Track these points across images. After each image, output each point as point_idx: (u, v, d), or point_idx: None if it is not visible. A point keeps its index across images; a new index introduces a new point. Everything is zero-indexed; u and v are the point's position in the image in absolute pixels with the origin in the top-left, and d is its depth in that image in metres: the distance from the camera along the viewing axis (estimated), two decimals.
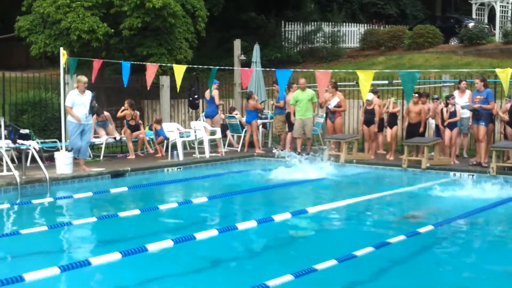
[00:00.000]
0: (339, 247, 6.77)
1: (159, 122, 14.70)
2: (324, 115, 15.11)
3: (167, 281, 5.69)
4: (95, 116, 13.84)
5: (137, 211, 8.12)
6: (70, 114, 11.65)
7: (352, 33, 29.25)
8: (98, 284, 5.55)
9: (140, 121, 14.70)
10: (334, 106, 14.17)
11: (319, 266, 5.38)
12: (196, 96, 17.49)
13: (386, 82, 16.36)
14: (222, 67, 16.55)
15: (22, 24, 19.77)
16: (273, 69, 14.52)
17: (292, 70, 13.57)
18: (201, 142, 14.68)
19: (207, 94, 15.65)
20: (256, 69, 16.88)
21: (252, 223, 7.15)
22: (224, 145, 15.44)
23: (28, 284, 4.76)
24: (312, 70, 15.88)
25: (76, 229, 7.47)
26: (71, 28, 17.90)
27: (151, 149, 14.85)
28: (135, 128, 14.19)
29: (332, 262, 5.54)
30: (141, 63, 15.86)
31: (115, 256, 5.49)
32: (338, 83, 15.78)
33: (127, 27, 18.68)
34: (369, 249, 6.09)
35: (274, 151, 15.15)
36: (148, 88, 14.22)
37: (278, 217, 7.44)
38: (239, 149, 15.52)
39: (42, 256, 6.37)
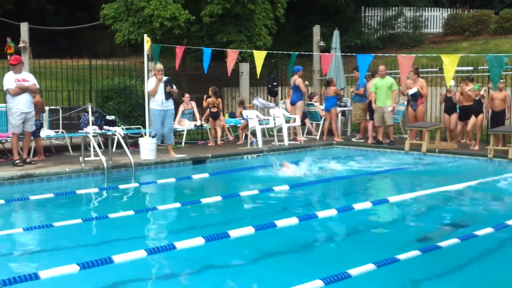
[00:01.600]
0: (421, 237, 6.63)
1: (242, 103, 14.85)
2: (405, 103, 14.77)
3: (248, 267, 5.75)
4: (183, 105, 14.19)
5: (219, 198, 8.25)
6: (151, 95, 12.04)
7: (435, 18, 28.39)
8: (183, 267, 5.67)
9: (220, 108, 14.89)
10: (414, 93, 13.79)
11: (401, 257, 5.29)
12: (275, 83, 17.51)
13: (471, 68, 15.79)
14: (301, 53, 16.45)
15: (107, 12, 20.40)
16: (354, 54, 14.33)
17: (373, 55, 13.29)
18: (280, 130, 14.71)
19: (291, 81, 15.57)
20: (336, 55, 16.70)
21: (332, 212, 7.11)
22: (302, 133, 15.40)
23: (116, 266, 4.93)
24: (394, 55, 15.57)
25: (160, 214, 7.67)
26: (154, 15, 18.32)
27: (231, 136, 15.01)
28: (216, 115, 14.39)
29: (415, 252, 5.44)
30: (221, 49, 16.04)
31: (199, 241, 5.61)
32: (420, 70, 15.39)
33: (208, 14, 18.93)
34: (454, 240, 5.93)
35: (353, 139, 14.99)
36: (229, 74, 14.35)
37: (358, 206, 7.38)
38: (317, 137, 15.45)
39: (129, 240, 6.57)
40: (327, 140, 14.99)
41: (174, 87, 12.26)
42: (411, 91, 13.81)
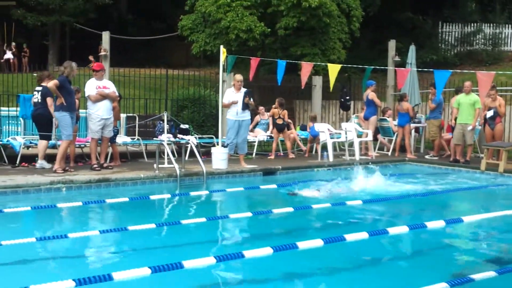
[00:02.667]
0: (495, 258, 6.41)
1: (313, 119, 14.86)
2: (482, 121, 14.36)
3: (314, 279, 5.72)
4: (259, 115, 14.35)
5: (290, 209, 8.25)
6: (225, 108, 12.24)
7: None
8: (250, 276, 5.70)
9: (289, 121, 14.92)
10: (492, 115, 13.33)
11: (476, 276, 5.15)
12: (347, 97, 17.42)
13: None
14: (375, 67, 16.29)
15: (185, 23, 20.90)
16: (430, 70, 14.07)
17: (451, 71, 12.98)
18: (351, 144, 14.61)
19: (364, 95, 15.46)
20: (412, 70, 16.45)
21: (403, 229, 7.01)
22: (374, 148, 15.23)
23: (186, 271, 5.02)
24: (472, 72, 15.18)
25: (231, 222, 7.75)
26: (230, 27, 18.61)
27: (303, 147, 15.01)
28: (281, 127, 14.40)
29: (491, 273, 5.28)
30: (296, 61, 16.12)
31: (267, 251, 5.65)
32: (499, 88, 14.92)
33: (283, 27, 19.06)
34: None
35: (427, 156, 14.69)
36: (303, 87, 14.39)
37: (431, 224, 7.23)
38: (389, 153, 15.23)
39: (199, 246, 6.68)
40: (399, 156, 14.75)
41: (252, 99, 12.41)
42: (488, 114, 13.39)
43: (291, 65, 15.68)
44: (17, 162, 11.32)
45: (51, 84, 10.55)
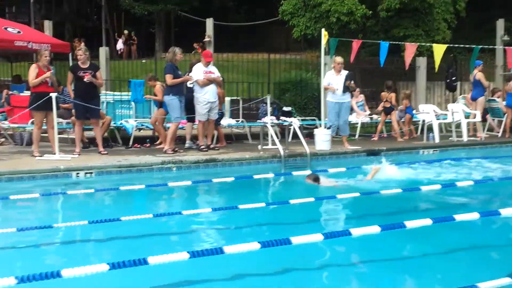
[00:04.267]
0: None
1: (407, 97, 14.57)
2: None
3: (425, 259, 5.69)
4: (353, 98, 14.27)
5: (399, 190, 8.17)
6: (327, 91, 12.25)
7: None
8: (357, 254, 5.75)
9: (395, 103, 14.70)
10: None
11: None
12: (454, 78, 16.90)
13: None
14: (483, 47, 15.66)
15: (286, 8, 20.97)
16: None
17: None
18: (458, 125, 14.19)
19: (471, 76, 14.94)
20: None
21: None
22: (483, 129, 14.71)
23: (294, 247, 5.12)
24: None
25: (339, 202, 7.80)
26: (331, 10, 18.51)
27: (407, 129, 14.74)
28: (389, 110, 14.23)
29: None
30: (399, 43, 15.82)
31: (375, 229, 5.66)
32: None
33: (385, 9, 18.71)
34: None
35: None
36: (407, 68, 14.14)
37: None
38: (499, 135, 14.66)
39: (306, 224, 6.80)
40: (509, 138, 14.17)
41: (353, 82, 12.36)
42: None
43: (393, 47, 15.40)
44: (130, 143, 11.93)
45: (168, 82, 11.01)
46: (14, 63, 20.85)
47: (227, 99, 15.29)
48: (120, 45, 30.18)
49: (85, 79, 10.51)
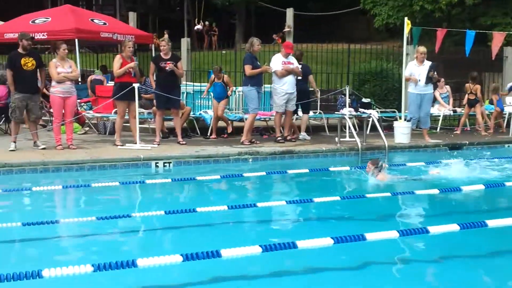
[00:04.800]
0: None
1: (496, 90, 13.96)
2: None
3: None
4: (438, 90, 13.83)
5: (481, 186, 7.85)
6: (409, 82, 11.96)
7: None
8: (433, 252, 5.58)
9: (480, 96, 14.13)
10: None
11: None
12: None
13: None
14: None
15: None
16: None
17: None
18: None
19: None
20: None
21: None
22: None
23: (369, 243, 5.02)
24: None
25: (414, 198, 7.60)
26: None
27: (492, 123, 14.16)
28: (473, 102, 13.69)
29: None
30: (486, 31, 15.23)
31: (453, 227, 5.47)
32: None
33: None
34: None
35: None
36: (493, 58, 13.58)
37: None
38: None
39: (382, 220, 6.66)
40: None
41: (436, 73, 11.99)
42: None
43: (479, 36, 14.80)
44: (208, 134, 12.09)
45: (247, 72, 11.08)
46: (100, 54, 21.57)
47: None
48: (198, 26, 30.80)
49: (166, 68, 10.73)
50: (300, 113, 12.57)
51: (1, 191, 7.25)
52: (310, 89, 12.81)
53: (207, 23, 31.27)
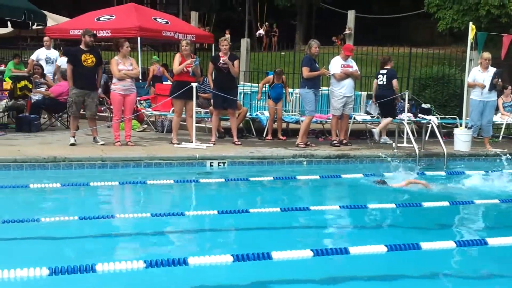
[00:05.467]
0: None
1: None
2: None
3: None
4: (502, 97, 13.41)
5: None
6: (471, 88, 11.67)
7: None
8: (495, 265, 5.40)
9: None
10: None
11: None
12: None
13: None
14: None
15: (432, 0, 20.23)
16: None
17: None
18: None
19: None
20: None
21: None
22: None
23: (423, 252, 4.90)
24: None
25: (474, 208, 7.38)
26: (481, 3, 17.61)
27: None
28: None
29: None
30: None
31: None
32: None
33: None
34: None
35: None
36: None
37: None
38: None
39: (439, 229, 6.50)
40: None
41: (500, 80, 11.65)
42: None
43: None
44: (264, 135, 12.09)
45: (304, 75, 11.04)
46: (161, 53, 21.91)
47: (363, 93, 15.03)
48: (260, 31, 30.93)
49: (220, 60, 10.78)
50: (357, 117, 12.44)
51: (60, 185, 7.45)
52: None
53: (266, 24, 31.35)
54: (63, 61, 13.13)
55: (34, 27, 15.37)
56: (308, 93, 11.10)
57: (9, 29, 18.60)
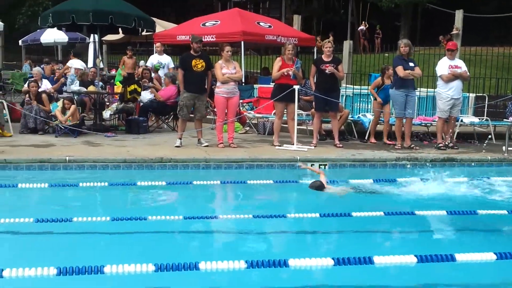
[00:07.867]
0: None
1: None
2: None
3: None
4: None
5: None
6: None
7: None
8: None
9: None
10: None
11: None
12: None
13: None
14: None
15: None
16: None
17: None
18: None
19: None
20: None
21: None
22: None
23: (458, 264, 4.66)
24: None
25: None
26: None
27: None
28: None
29: None
30: None
31: None
32: None
33: None
34: None
35: None
36: None
37: None
38: None
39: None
40: None
41: None
42: None
43: None
44: (366, 137, 11.91)
45: (400, 74, 10.81)
46: (263, 56, 22.17)
47: (472, 95, 14.46)
48: (362, 28, 30.67)
49: (326, 70, 10.75)
50: (465, 119, 11.97)
51: (165, 184, 7.72)
52: None
53: (364, 22, 31.01)
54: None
55: (144, 33, 16.02)
56: (396, 94, 10.86)
57: (120, 35, 19.46)
